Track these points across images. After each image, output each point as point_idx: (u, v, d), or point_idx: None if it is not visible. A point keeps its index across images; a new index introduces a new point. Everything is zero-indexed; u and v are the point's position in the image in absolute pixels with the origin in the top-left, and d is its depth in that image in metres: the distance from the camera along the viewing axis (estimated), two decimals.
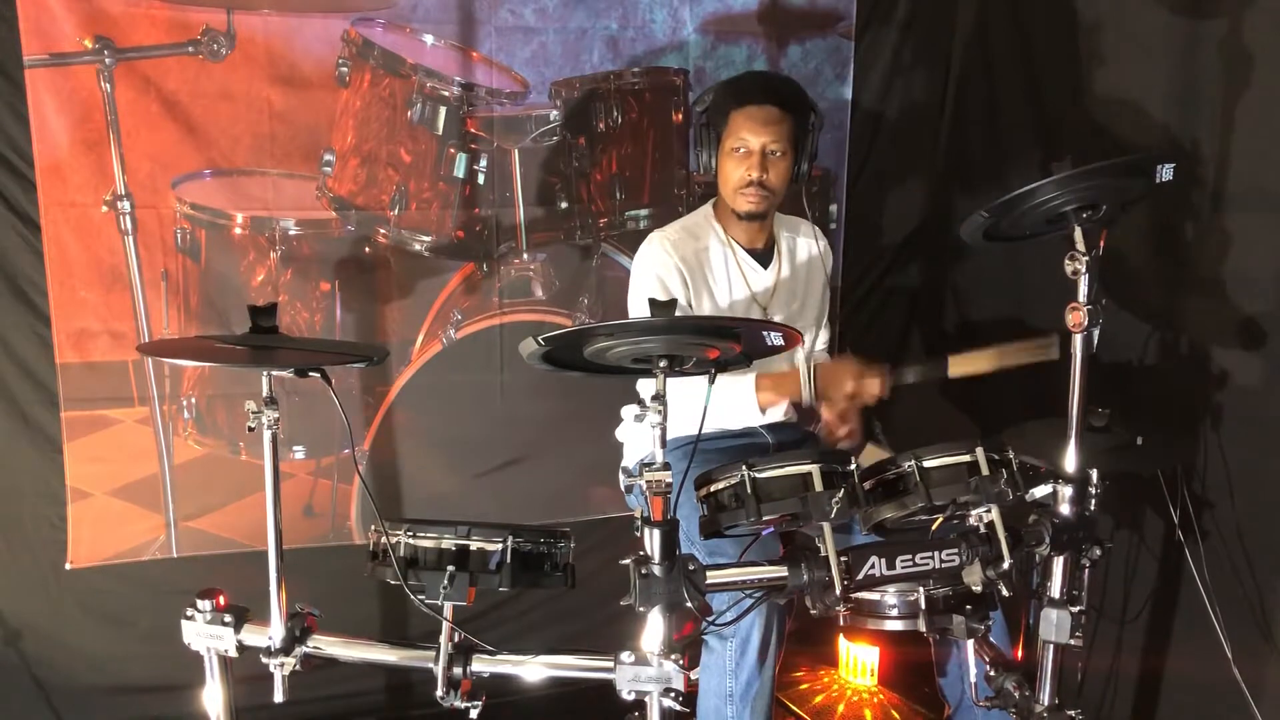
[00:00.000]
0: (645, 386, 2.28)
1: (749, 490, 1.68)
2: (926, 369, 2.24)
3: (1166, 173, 1.84)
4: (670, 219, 2.43)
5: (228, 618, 1.81)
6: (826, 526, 1.69)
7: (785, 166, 2.24)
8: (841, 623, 1.74)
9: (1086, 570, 1.93)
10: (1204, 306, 2.25)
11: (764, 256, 2.38)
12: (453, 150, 2.60)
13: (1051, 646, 1.90)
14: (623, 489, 2.30)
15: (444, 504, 2.70)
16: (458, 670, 1.75)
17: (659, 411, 1.59)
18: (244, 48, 2.41)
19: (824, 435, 2.33)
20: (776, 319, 2.34)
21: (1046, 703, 1.90)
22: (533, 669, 1.79)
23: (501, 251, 2.68)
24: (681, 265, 2.28)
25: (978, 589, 1.73)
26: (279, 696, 1.82)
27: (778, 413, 2.43)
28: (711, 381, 1.67)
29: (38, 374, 2.42)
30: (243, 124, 2.44)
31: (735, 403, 2.24)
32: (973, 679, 1.91)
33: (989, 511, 1.74)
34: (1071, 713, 1.89)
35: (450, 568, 1.70)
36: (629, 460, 2.45)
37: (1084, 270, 1.81)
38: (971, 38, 2.94)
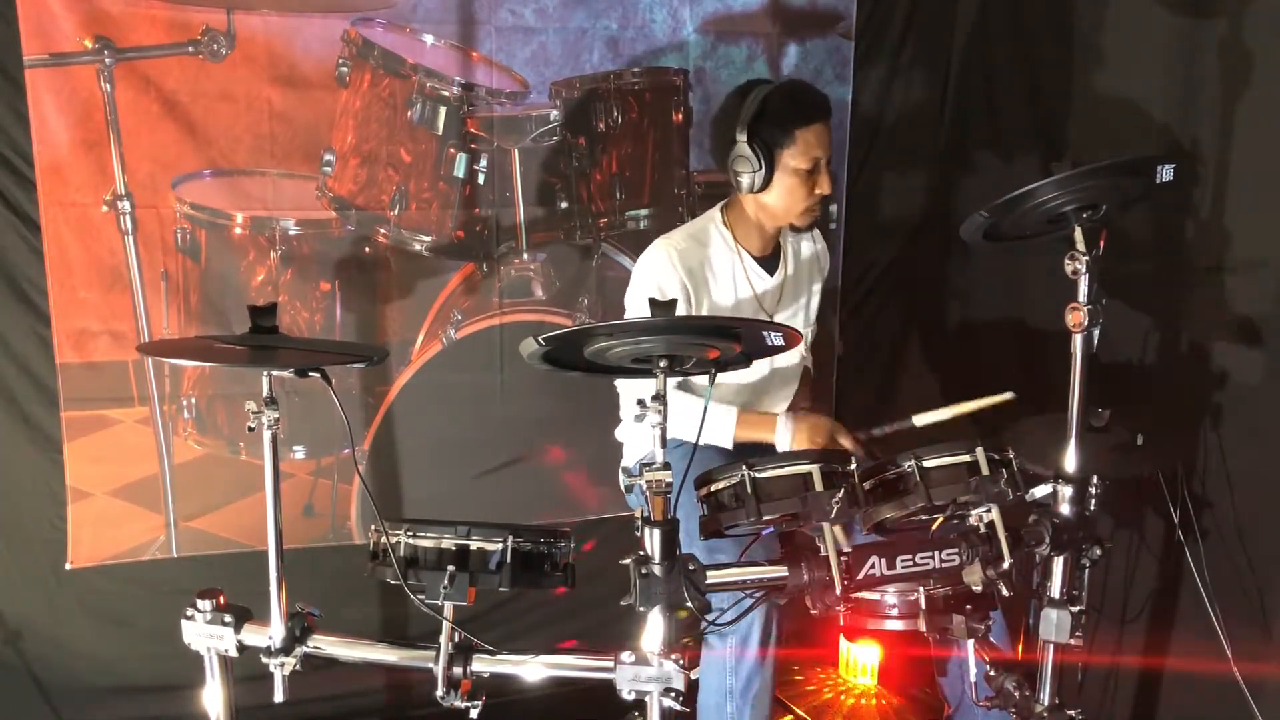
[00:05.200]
0: (626, 388, 2.28)
1: (749, 490, 1.68)
2: (897, 424, 2.28)
3: (1167, 173, 1.84)
4: (670, 219, 2.43)
5: (228, 618, 1.81)
6: (826, 526, 1.70)
7: None
8: (841, 623, 1.74)
9: (1086, 570, 1.93)
10: (1204, 306, 2.25)
11: (770, 263, 2.37)
12: (453, 150, 2.60)
13: (1051, 646, 1.90)
14: (623, 489, 2.30)
15: (444, 504, 2.70)
16: (458, 670, 1.75)
17: (659, 411, 1.59)
18: (244, 48, 2.41)
19: None
20: (781, 320, 2.34)
21: (1046, 703, 1.91)
22: (533, 669, 1.79)
23: (501, 251, 2.68)
24: (686, 279, 2.24)
25: (978, 589, 1.73)
26: (279, 696, 1.82)
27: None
28: (711, 381, 1.67)
29: (38, 374, 2.42)
30: (243, 124, 2.44)
31: (711, 427, 2.22)
32: (973, 679, 1.91)
33: (989, 511, 1.74)
34: (1071, 713, 1.90)
35: (450, 568, 1.70)
36: (629, 460, 2.45)
37: (1084, 270, 1.81)
38: (971, 38, 2.94)
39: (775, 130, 2.18)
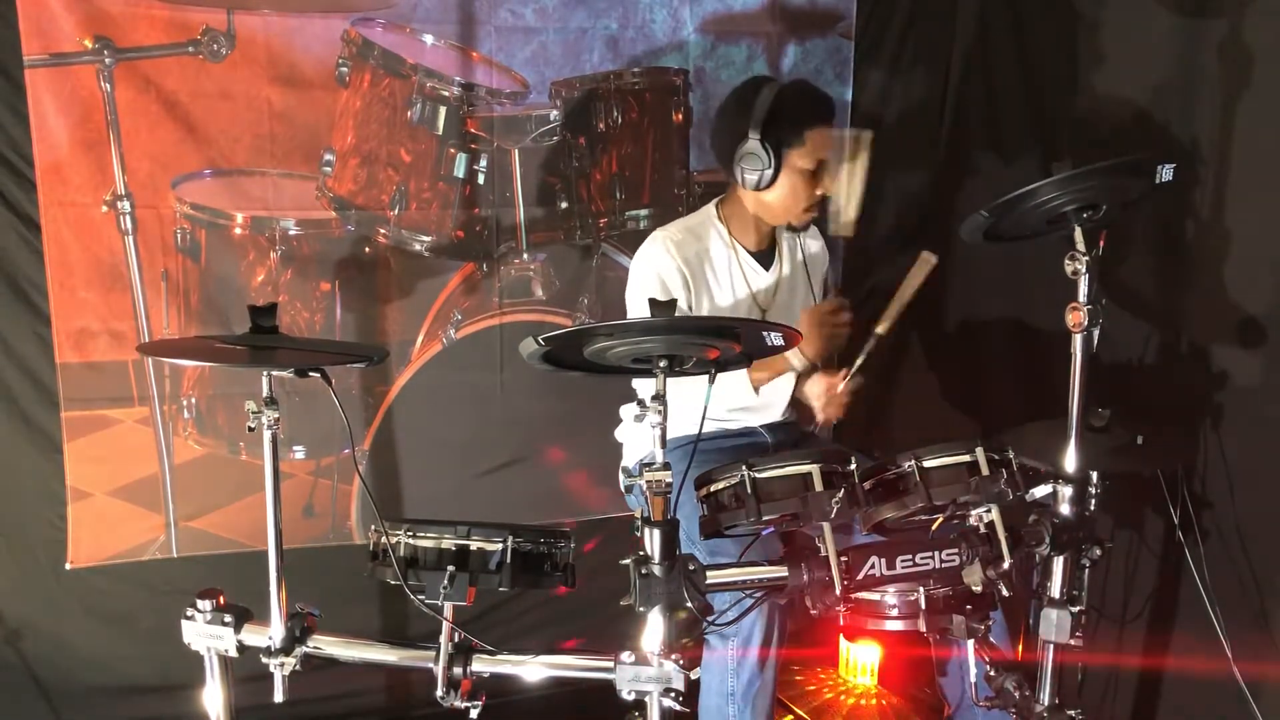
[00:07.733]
0: (643, 385, 2.28)
1: (749, 490, 1.68)
2: (866, 347, 2.25)
3: (1167, 173, 1.84)
4: (670, 219, 2.42)
5: (228, 618, 1.81)
6: (826, 526, 1.70)
7: None
8: (841, 623, 1.74)
9: (1086, 570, 1.94)
10: (1204, 306, 2.25)
11: (766, 258, 2.38)
12: (453, 150, 2.60)
13: (1051, 646, 1.90)
14: (623, 489, 2.30)
15: (444, 504, 2.70)
16: (458, 670, 1.75)
17: (659, 411, 1.59)
18: (244, 48, 2.40)
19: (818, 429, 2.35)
20: (776, 319, 2.34)
21: (1046, 703, 1.91)
22: (533, 669, 1.79)
23: (501, 251, 2.68)
24: (684, 267, 2.27)
25: (978, 589, 1.73)
26: (279, 696, 1.82)
27: (776, 412, 2.44)
28: (711, 381, 1.67)
29: (38, 374, 2.42)
30: (243, 124, 2.44)
31: (731, 386, 2.22)
32: (973, 679, 1.91)
33: (989, 511, 1.74)
34: (1071, 713, 1.90)
35: (450, 568, 1.69)
36: (629, 460, 2.45)
37: (1084, 270, 1.81)
38: (971, 38, 2.94)
39: (788, 130, 2.19)
